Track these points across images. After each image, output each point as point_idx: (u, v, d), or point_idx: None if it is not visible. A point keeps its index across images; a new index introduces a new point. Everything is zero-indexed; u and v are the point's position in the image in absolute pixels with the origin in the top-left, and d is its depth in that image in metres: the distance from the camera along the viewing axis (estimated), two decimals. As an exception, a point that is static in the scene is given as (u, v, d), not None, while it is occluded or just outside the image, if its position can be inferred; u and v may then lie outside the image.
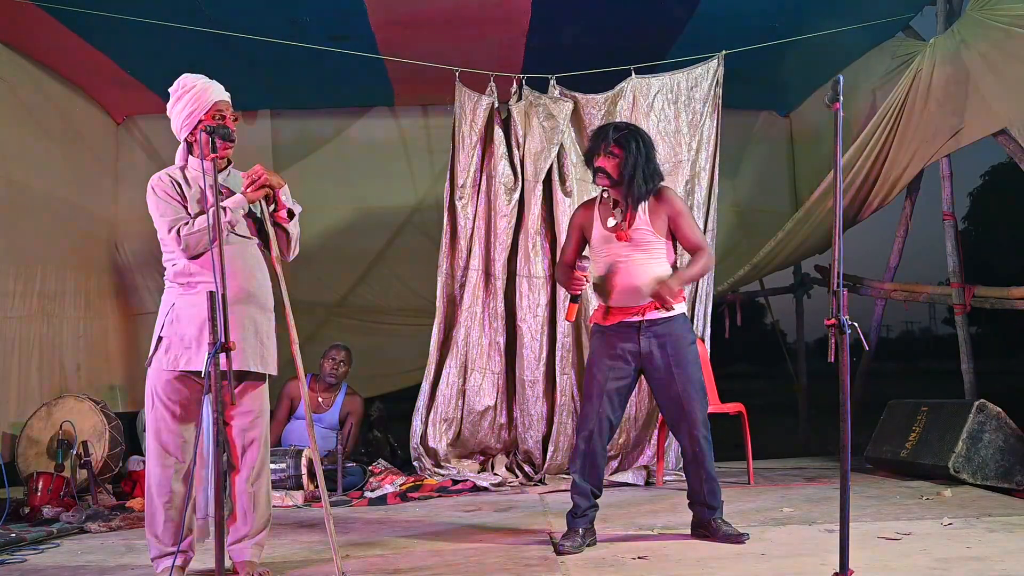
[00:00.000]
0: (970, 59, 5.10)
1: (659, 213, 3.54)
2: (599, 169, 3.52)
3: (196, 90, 3.07)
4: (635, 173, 3.48)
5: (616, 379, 3.52)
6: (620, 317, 3.53)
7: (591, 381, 3.56)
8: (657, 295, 3.41)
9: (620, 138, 3.50)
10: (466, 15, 5.40)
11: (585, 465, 3.52)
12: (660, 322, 3.48)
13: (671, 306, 3.46)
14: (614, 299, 3.53)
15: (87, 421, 5.02)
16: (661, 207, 3.55)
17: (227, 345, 2.63)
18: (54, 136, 6.07)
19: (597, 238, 3.60)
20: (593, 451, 3.50)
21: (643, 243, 3.51)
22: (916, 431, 4.99)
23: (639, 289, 3.47)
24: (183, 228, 3.00)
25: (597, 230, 3.60)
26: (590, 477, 3.52)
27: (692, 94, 5.48)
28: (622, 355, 3.51)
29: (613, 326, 3.54)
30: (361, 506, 4.76)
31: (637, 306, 3.49)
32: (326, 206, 6.66)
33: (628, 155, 3.49)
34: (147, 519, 3.05)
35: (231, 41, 5.21)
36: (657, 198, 3.55)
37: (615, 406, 3.54)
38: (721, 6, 5.39)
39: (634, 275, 3.48)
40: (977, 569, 2.88)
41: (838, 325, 2.57)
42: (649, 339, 3.48)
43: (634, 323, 3.50)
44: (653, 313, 3.48)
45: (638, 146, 3.49)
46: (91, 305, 6.40)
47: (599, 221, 3.60)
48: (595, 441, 3.50)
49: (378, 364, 6.72)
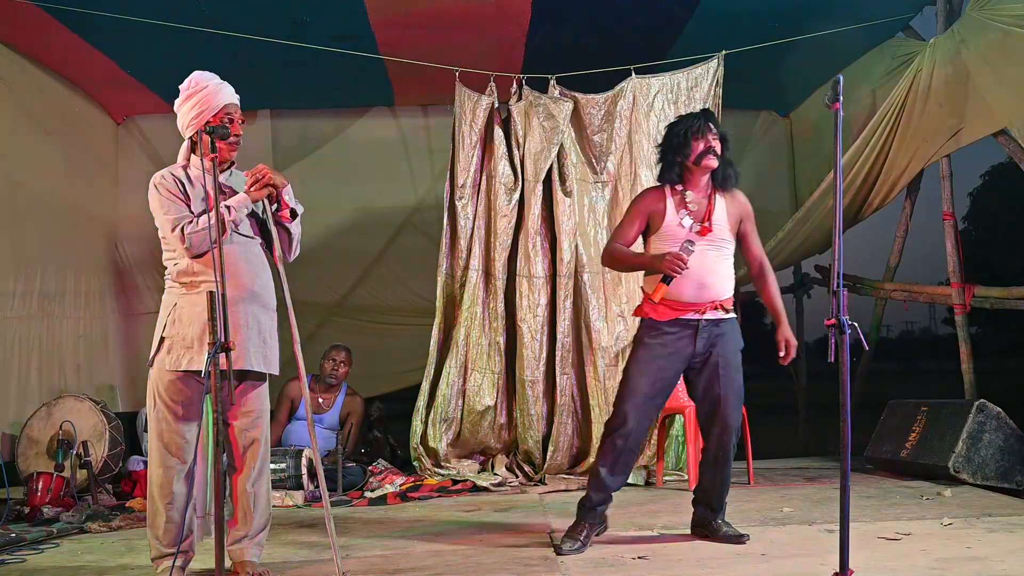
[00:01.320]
0: (970, 59, 5.10)
1: (733, 213, 3.49)
2: (710, 149, 3.42)
3: (207, 91, 3.05)
4: (728, 165, 3.47)
5: (664, 379, 3.43)
6: (678, 313, 3.40)
7: (637, 378, 3.43)
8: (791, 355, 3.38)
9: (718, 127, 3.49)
10: (466, 15, 5.40)
11: (617, 463, 3.42)
12: (718, 322, 3.40)
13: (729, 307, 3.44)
14: (677, 294, 3.38)
15: (87, 421, 5.02)
16: (736, 207, 3.50)
17: (227, 345, 2.62)
18: (54, 136, 6.08)
19: (670, 230, 3.45)
20: (629, 450, 3.42)
21: (717, 240, 3.43)
22: (916, 431, 4.99)
23: (706, 287, 3.37)
24: (187, 226, 2.98)
25: (670, 219, 3.46)
26: (619, 475, 3.45)
27: (692, 94, 5.48)
28: (675, 354, 3.40)
29: (669, 323, 3.41)
30: (361, 506, 4.76)
31: (699, 303, 3.38)
32: (326, 206, 6.66)
33: (726, 146, 3.46)
34: (148, 519, 3.05)
35: (231, 41, 5.20)
36: (733, 197, 3.51)
37: (657, 405, 3.48)
38: (721, 6, 5.39)
39: (703, 272, 3.37)
40: (977, 569, 2.88)
41: (838, 325, 2.57)
42: (705, 338, 3.38)
43: (692, 321, 3.39)
44: (713, 313, 3.39)
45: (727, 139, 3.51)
46: (91, 305, 6.41)
47: (672, 211, 3.47)
48: (632, 440, 3.41)
49: (378, 364, 6.71)
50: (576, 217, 5.46)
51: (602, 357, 5.37)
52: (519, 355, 5.40)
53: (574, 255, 5.42)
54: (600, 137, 5.55)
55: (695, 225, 3.42)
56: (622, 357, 5.38)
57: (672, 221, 3.46)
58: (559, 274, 5.40)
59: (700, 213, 3.45)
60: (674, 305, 3.40)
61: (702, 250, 3.37)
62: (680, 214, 3.46)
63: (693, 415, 4.88)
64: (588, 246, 5.47)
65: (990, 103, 5.05)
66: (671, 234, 3.44)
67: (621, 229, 3.62)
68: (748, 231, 3.53)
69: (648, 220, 3.54)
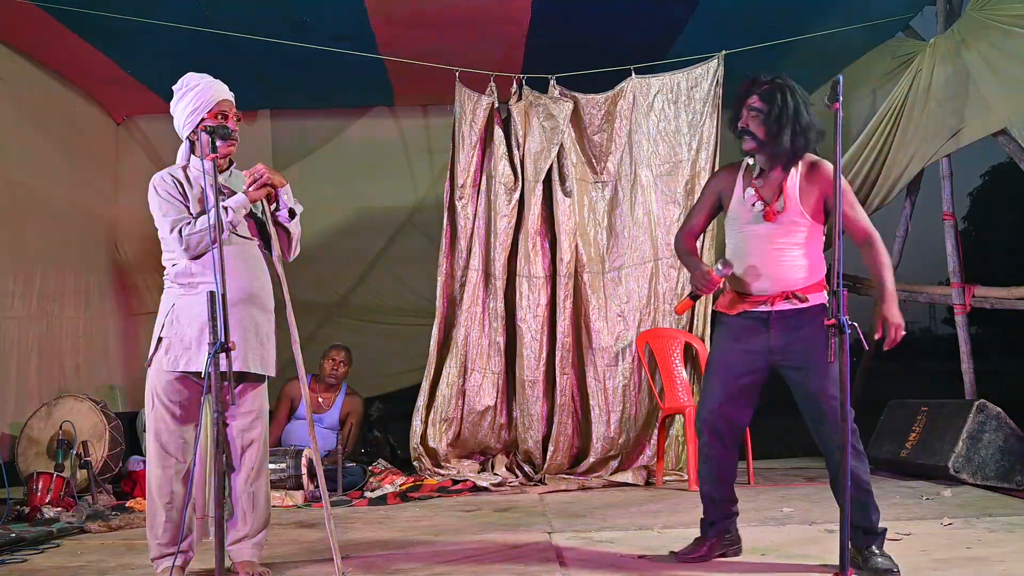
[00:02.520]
0: (970, 59, 5.10)
1: (811, 189, 3.05)
2: (743, 130, 3.06)
3: (199, 88, 3.07)
4: (780, 131, 3.00)
5: (742, 374, 3.10)
6: (747, 306, 3.09)
7: (710, 376, 3.18)
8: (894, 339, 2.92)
9: (764, 91, 3.04)
10: (466, 15, 5.39)
11: (703, 471, 3.21)
12: (791, 314, 3.01)
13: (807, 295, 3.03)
14: (744, 285, 3.10)
15: (87, 421, 5.01)
16: (815, 182, 3.05)
17: (227, 345, 2.63)
18: (54, 136, 6.07)
19: (735, 210, 3.14)
20: (713, 456, 3.16)
21: (787, 223, 3.03)
22: (916, 431, 4.99)
23: (773, 275, 3.03)
24: (185, 228, 2.99)
25: (736, 200, 3.14)
26: (713, 483, 3.19)
27: (692, 94, 5.48)
28: (749, 350, 3.08)
29: (738, 316, 3.11)
30: (361, 506, 4.76)
31: (766, 295, 3.04)
32: (326, 206, 6.65)
33: (773, 108, 3.01)
34: (147, 520, 3.05)
35: (231, 41, 5.20)
36: (811, 170, 3.07)
37: (741, 404, 3.14)
38: (721, 6, 5.39)
39: (771, 260, 3.03)
40: (977, 569, 2.88)
41: (838, 325, 2.57)
42: (780, 332, 3.03)
43: (762, 314, 3.05)
44: (783, 304, 3.02)
45: (784, 98, 3.01)
46: (91, 305, 6.40)
47: (740, 189, 3.14)
48: (714, 445, 3.14)
49: (378, 364, 6.71)
50: (576, 217, 5.46)
51: (602, 357, 5.37)
52: (519, 355, 5.40)
53: (574, 255, 5.42)
54: (600, 137, 5.56)
55: (759, 204, 3.07)
56: (622, 357, 5.38)
57: (738, 201, 3.14)
58: (559, 274, 5.40)
59: (771, 191, 3.07)
60: (743, 297, 3.11)
61: (767, 235, 3.04)
62: (747, 193, 3.11)
63: (693, 415, 4.89)
64: (588, 246, 5.47)
65: (990, 103, 5.05)
66: (736, 215, 3.15)
67: (691, 213, 3.36)
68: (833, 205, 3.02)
69: (719, 200, 3.24)
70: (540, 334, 5.38)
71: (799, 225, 3.05)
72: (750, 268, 3.07)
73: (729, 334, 3.16)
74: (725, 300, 3.18)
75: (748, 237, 3.10)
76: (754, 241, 3.07)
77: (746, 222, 3.10)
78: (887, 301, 2.93)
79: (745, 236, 3.11)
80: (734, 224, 3.16)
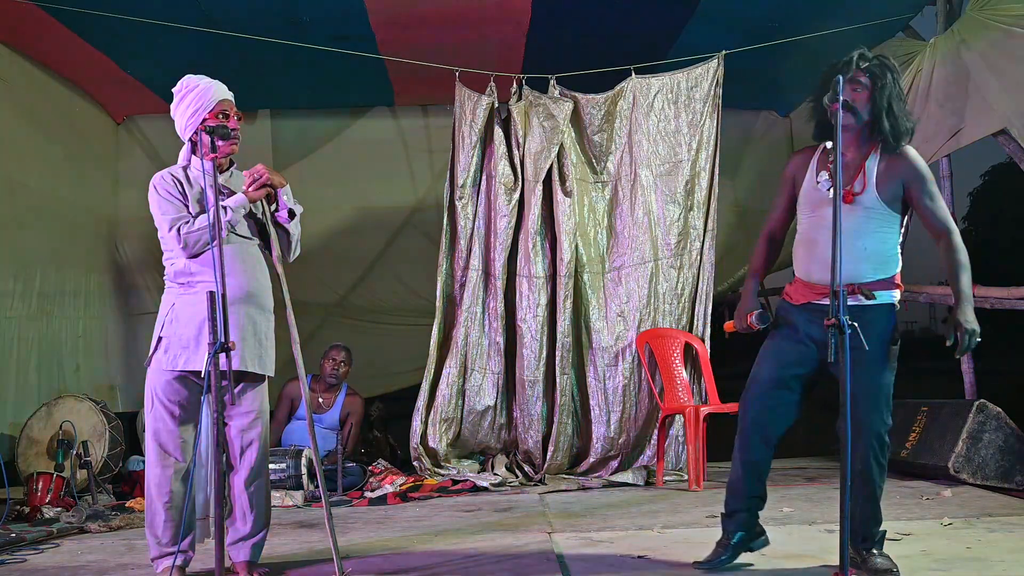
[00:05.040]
0: (970, 59, 5.10)
1: (891, 177, 2.89)
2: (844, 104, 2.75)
3: (199, 90, 3.07)
4: (886, 111, 2.84)
5: (792, 364, 2.99)
6: (812, 296, 2.96)
7: (758, 364, 3.05)
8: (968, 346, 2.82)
9: (872, 67, 2.86)
10: (466, 15, 5.39)
11: (737, 461, 3.10)
12: (855, 311, 2.75)
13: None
14: (811, 273, 2.96)
15: (87, 421, 5.01)
16: (896, 169, 2.89)
17: (227, 345, 2.63)
18: (54, 136, 6.07)
19: (807, 193, 3.00)
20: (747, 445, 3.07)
21: (863, 210, 2.88)
22: (916, 431, 4.99)
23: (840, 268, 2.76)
24: (183, 226, 3.00)
25: (809, 183, 3.00)
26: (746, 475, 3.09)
27: (692, 94, 5.48)
28: (803, 342, 2.96)
29: (801, 306, 2.99)
30: (361, 506, 4.76)
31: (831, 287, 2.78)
32: (326, 206, 6.65)
33: (883, 86, 2.84)
34: (147, 519, 3.06)
35: (231, 41, 5.20)
36: (898, 156, 2.90)
37: (788, 391, 3.00)
38: (721, 6, 5.39)
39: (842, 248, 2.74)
40: (977, 569, 2.89)
41: (838, 325, 2.57)
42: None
43: (826, 307, 2.76)
44: (851, 299, 2.81)
45: (894, 77, 2.87)
46: (91, 305, 6.40)
47: (813, 172, 3.00)
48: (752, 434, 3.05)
49: (378, 364, 6.71)
50: (576, 217, 5.46)
51: (602, 357, 5.37)
52: (519, 355, 5.40)
53: (574, 255, 5.42)
54: (600, 137, 5.56)
55: (826, 183, 2.92)
56: (622, 357, 5.38)
57: (810, 184, 3.00)
58: (559, 274, 5.39)
59: (848, 175, 2.90)
60: (809, 286, 2.98)
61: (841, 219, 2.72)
62: (821, 176, 2.97)
63: (693, 415, 4.89)
64: (588, 246, 5.47)
65: (990, 103, 5.04)
66: (807, 199, 3.00)
67: (773, 204, 3.19)
68: (915, 197, 2.89)
69: (794, 186, 3.08)
70: (540, 334, 5.38)
71: (874, 212, 2.90)
72: (820, 255, 2.90)
73: (789, 323, 3.04)
74: (792, 287, 3.06)
75: (818, 222, 2.94)
76: (824, 227, 2.84)
77: (817, 206, 2.96)
78: (960, 305, 2.84)
79: (814, 221, 2.97)
80: (804, 208, 3.02)
